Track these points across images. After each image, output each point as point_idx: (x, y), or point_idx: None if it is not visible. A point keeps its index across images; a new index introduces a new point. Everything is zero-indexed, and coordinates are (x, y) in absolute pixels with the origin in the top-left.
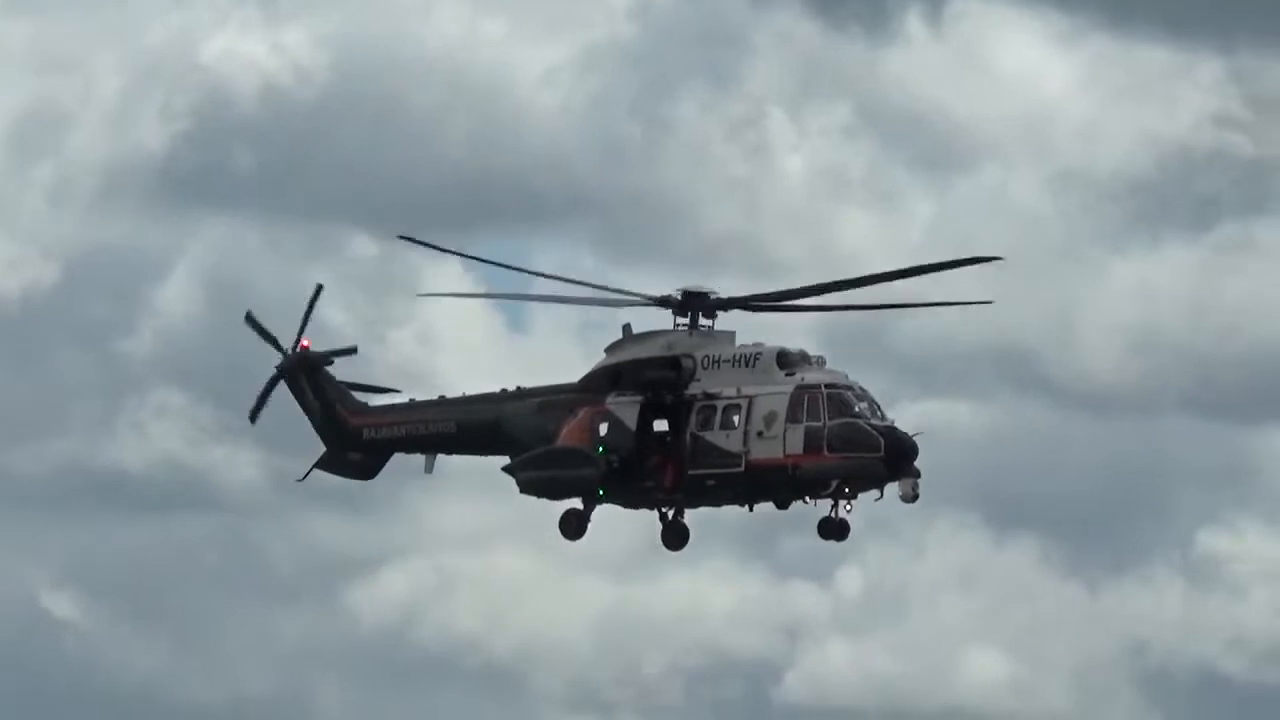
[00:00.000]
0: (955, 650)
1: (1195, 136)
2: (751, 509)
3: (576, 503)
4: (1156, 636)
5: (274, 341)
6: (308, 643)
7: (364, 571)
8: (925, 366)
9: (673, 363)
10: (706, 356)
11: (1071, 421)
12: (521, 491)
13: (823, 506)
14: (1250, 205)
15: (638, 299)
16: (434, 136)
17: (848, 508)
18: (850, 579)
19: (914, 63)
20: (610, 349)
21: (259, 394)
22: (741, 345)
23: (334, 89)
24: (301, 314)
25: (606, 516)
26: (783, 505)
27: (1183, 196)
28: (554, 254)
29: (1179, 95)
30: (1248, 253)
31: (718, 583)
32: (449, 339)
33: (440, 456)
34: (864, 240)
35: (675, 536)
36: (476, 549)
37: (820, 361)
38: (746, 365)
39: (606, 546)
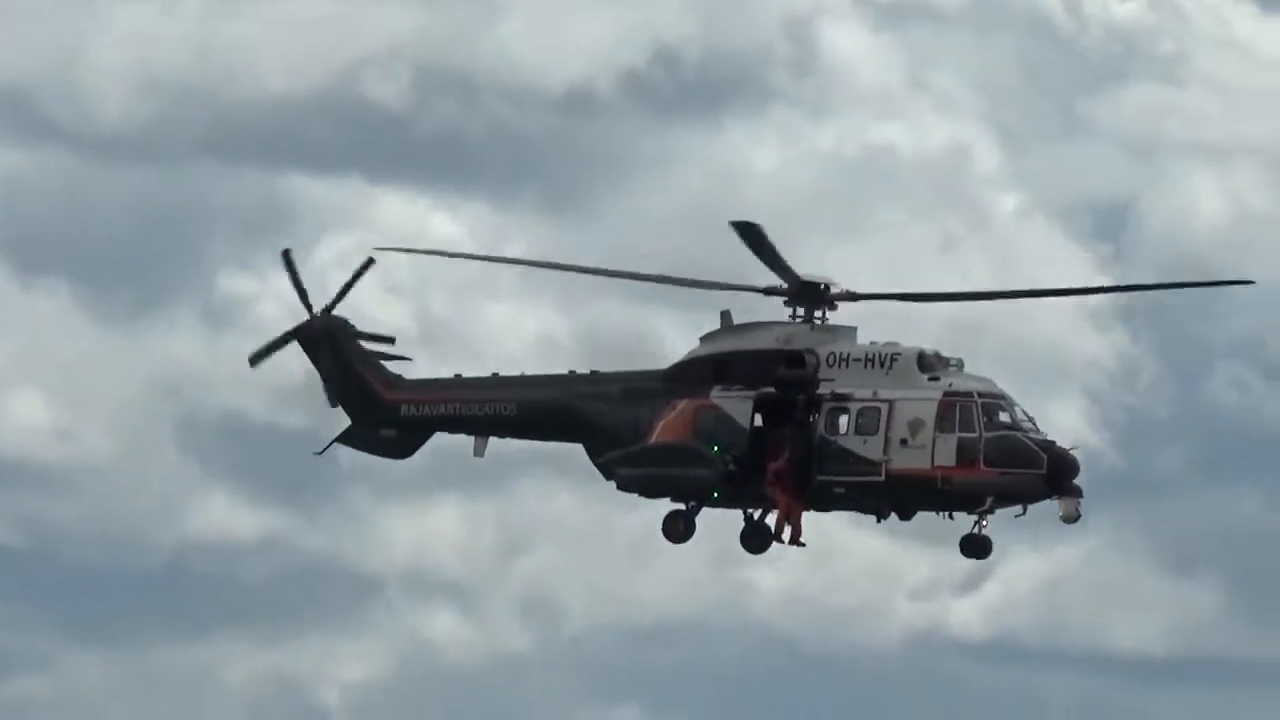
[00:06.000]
0: None
1: None
2: (880, 520)
3: (682, 503)
4: (186, 377)
5: (304, 297)
6: None
7: None
8: None
9: (795, 358)
10: (832, 353)
11: (89, 167)
12: (621, 488)
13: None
14: None
15: (744, 287)
16: None
17: (985, 523)
18: None
19: None
20: (707, 338)
21: (269, 342)
22: (872, 343)
23: None
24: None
25: None
26: (909, 517)
27: None
28: None
29: None
30: None
31: None
32: None
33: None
34: None
35: (758, 537)
36: None
37: (960, 365)
38: (881, 366)
39: None
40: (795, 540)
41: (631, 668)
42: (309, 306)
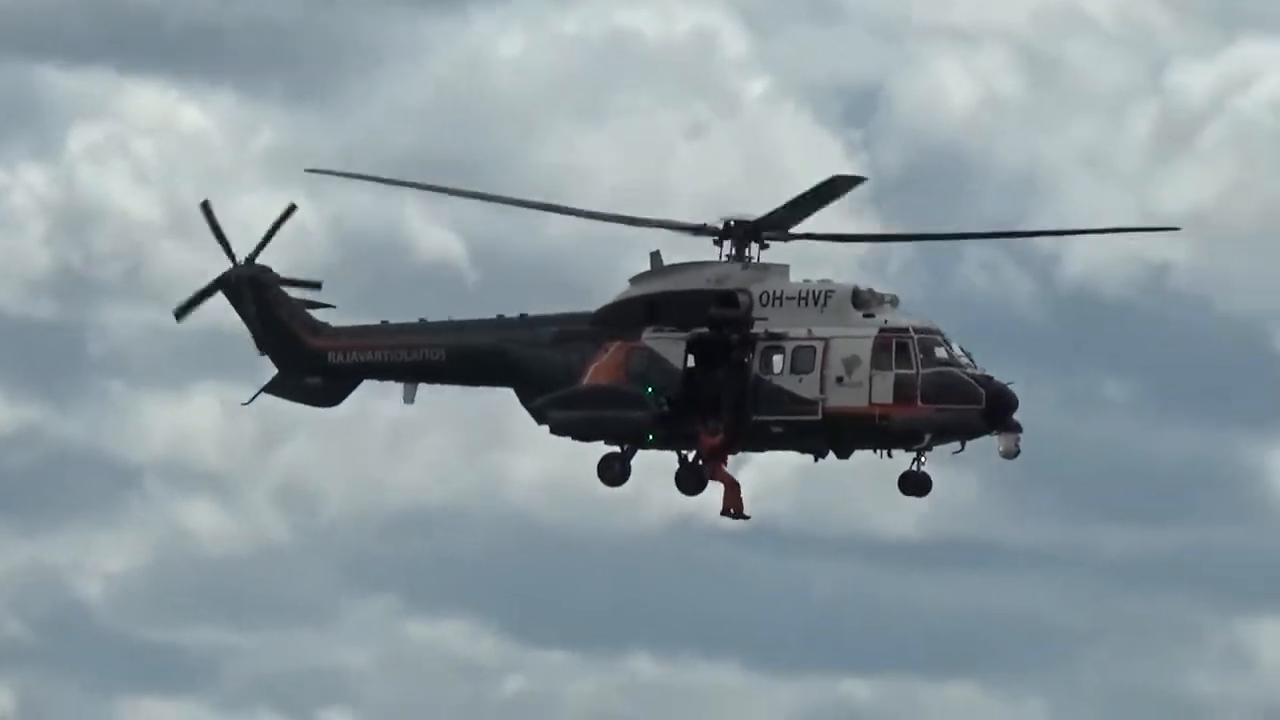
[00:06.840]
0: None
1: None
2: (817, 460)
3: (616, 446)
4: None
5: (226, 246)
6: None
7: None
8: None
9: (727, 297)
10: (765, 292)
11: None
12: (554, 432)
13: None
14: None
15: (673, 226)
16: None
17: (924, 460)
18: None
19: None
20: (637, 279)
21: (194, 294)
22: (806, 281)
23: None
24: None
25: None
26: (847, 455)
27: None
28: None
29: None
30: None
31: None
32: None
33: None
34: None
35: (692, 479)
36: None
37: (894, 301)
38: (815, 304)
39: None
40: (739, 514)
41: (389, 556)
42: (231, 255)
